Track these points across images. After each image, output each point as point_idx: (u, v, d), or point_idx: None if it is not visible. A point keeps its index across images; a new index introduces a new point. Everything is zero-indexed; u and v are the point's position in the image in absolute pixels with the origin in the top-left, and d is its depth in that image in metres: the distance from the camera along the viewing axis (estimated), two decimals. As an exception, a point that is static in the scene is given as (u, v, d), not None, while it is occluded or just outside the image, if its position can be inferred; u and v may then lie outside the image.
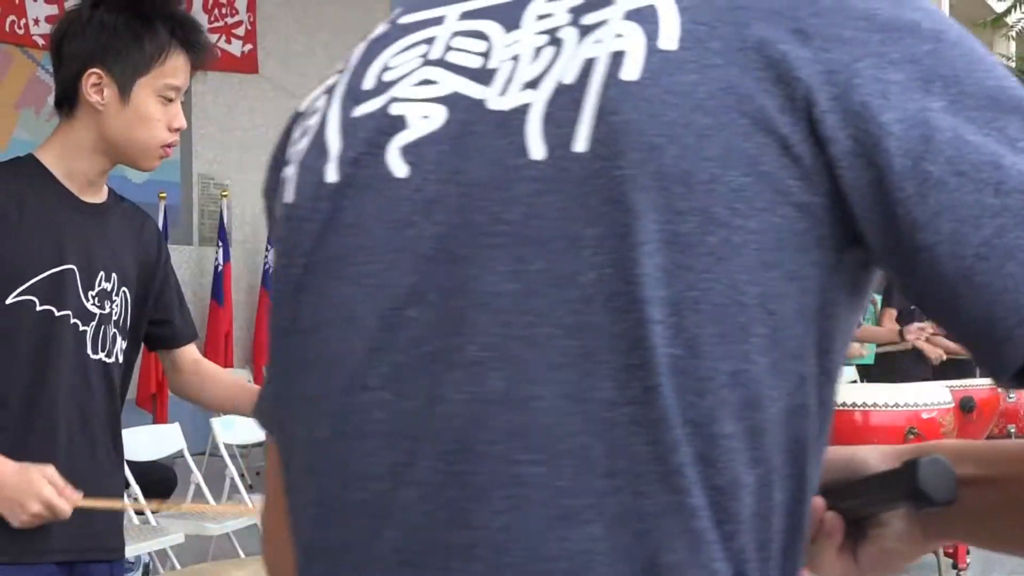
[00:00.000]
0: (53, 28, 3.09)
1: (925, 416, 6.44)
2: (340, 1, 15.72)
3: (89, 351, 3.06)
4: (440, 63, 1.25)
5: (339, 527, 1.20)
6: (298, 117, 1.54)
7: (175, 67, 3.04)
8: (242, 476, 8.92)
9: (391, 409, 1.15)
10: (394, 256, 1.18)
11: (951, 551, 8.15)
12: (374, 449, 1.16)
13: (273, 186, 1.45)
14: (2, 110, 11.64)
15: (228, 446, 8.53)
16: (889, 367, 10.19)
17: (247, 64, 14.39)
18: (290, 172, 1.37)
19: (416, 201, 1.18)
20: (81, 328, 3.03)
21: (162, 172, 12.95)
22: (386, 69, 1.36)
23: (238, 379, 3.48)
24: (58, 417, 2.99)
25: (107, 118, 3.01)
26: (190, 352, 3.46)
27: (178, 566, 7.06)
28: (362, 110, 1.32)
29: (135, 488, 6.91)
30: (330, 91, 1.45)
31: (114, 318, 3.13)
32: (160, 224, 12.43)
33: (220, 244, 13.60)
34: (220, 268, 13.55)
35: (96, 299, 3.07)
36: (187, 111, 11.04)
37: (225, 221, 13.72)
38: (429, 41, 1.30)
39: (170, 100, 3.06)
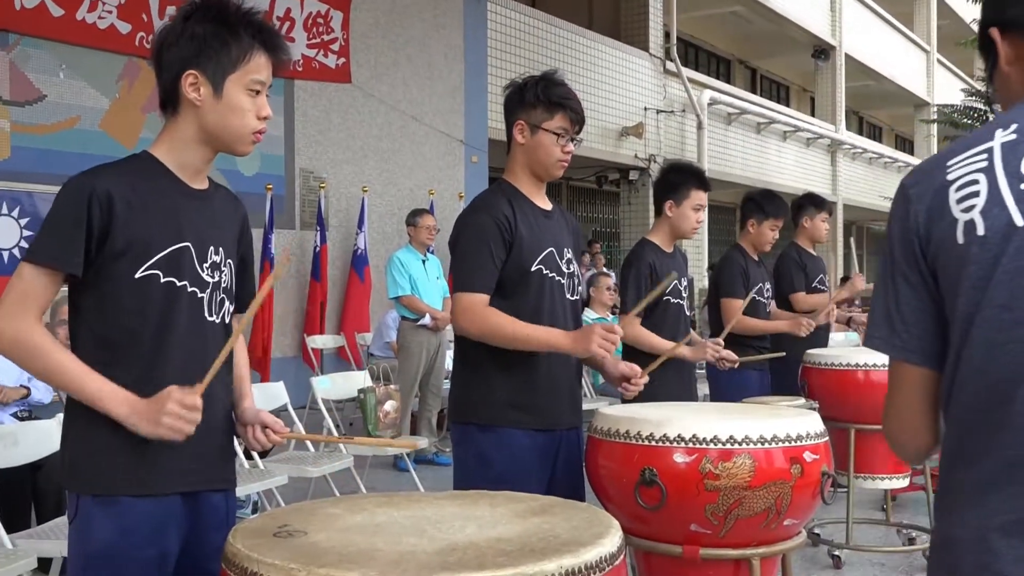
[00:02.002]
0: (153, 39, 3.14)
1: (919, 374, 6.48)
2: (421, 22, 15.76)
3: (206, 314, 3.10)
4: None
5: None
6: (928, 182, 2.01)
7: (258, 65, 3.08)
8: (337, 426, 8.93)
9: None
10: None
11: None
12: None
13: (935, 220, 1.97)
14: (132, 114, 11.75)
15: (325, 401, 8.55)
16: None
17: (341, 75, 14.44)
18: (969, 217, 1.90)
19: None
20: (199, 295, 3.07)
21: (269, 167, 13.08)
22: None
23: (241, 367, 3.46)
24: (179, 372, 3.02)
25: (205, 112, 3.06)
26: (236, 320, 3.47)
27: (282, 504, 7.10)
28: None
29: (245, 437, 6.95)
30: (984, 172, 1.91)
31: (223, 285, 3.16)
32: (267, 211, 12.58)
33: (318, 228, 13.72)
34: (318, 249, 13.67)
35: (209, 270, 3.11)
36: (290, 115, 11.18)
37: (322, 209, 13.84)
38: None
39: (257, 93, 3.10)
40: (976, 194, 1.91)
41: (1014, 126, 1.94)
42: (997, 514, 1.89)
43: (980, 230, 1.89)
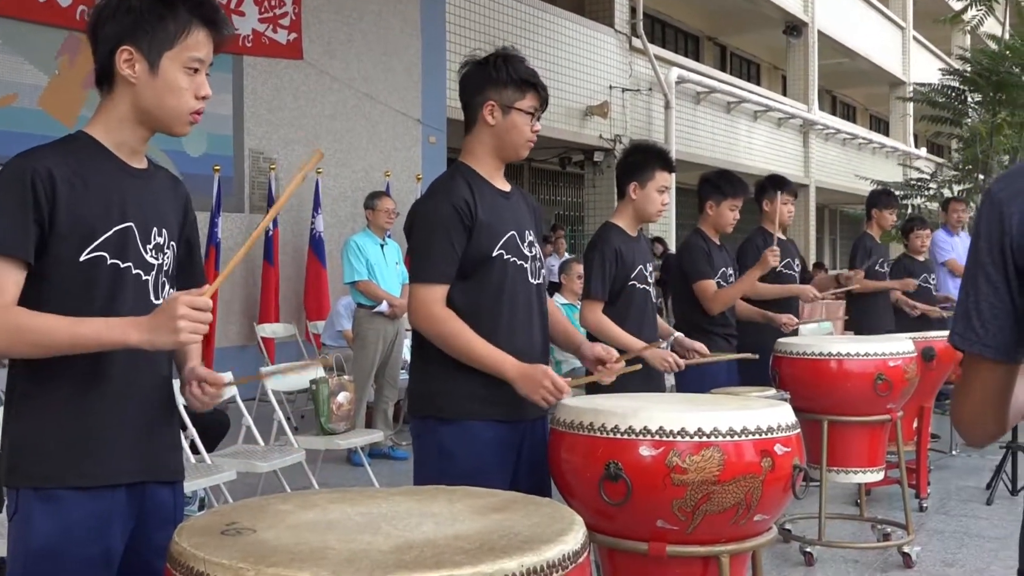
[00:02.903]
0: (89, 14, 3.13)
1: (891, 364, 6.56)
2: (377, -6, 15.72)
3: (152, 297, 3.10)
4: None
5: None
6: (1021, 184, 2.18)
7: (197, 41, 3.07)
8: (288, 419, 8.92)
9: None
10: None
11: (914, 483, 8.18)
12: None
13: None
14: (73, 92, 11.67)
15: (276, 393, 8.54)
16: (866, 320, 10.39)
17: (292, 51, 14.39)
18: None
19: None
20: (144, 277, 3.07)
21: (216, 147, 13.01)
22: None
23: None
24: (125, 361, 3.02)
25: (140, 90, 3.05)
26: None
27: (230, 500, 7.08)
28: None
29: (192, 431, 6.94)
30: None
31: (165, 268, 3.16)
32: (215, 194, 12.51)
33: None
34: (270, 233, 13.60)
35: (153, 251, 3.11)
36: (238, 93, 11.13)
37: (273, 191, 13.79)
38: None
39: (195, 71, 3.08)
40: None
41: None
42: None
43: None
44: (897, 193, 21.80)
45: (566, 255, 18.40)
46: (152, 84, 3.04)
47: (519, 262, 4.20)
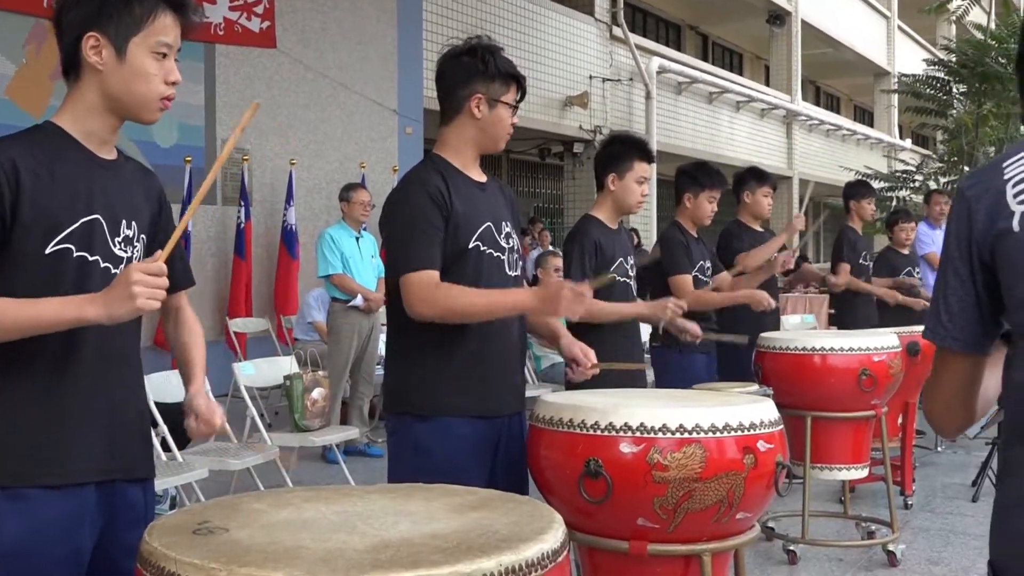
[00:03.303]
0: (54, 1, 3.11)
1: (876, 359, 6.58)
2: (352, -18, 15.68)
3: None
4: None
5: None
6: (987, 183, 2.32)
7: (164, 26, 3.06)
8: (261, 416, 8.91)
9: None
10: None
11: (899, 480, 8.20)
12: None
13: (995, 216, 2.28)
14: (40, 81, 11.61)
15: (248, 388, 8.52)
16: (850, 314, 10.41)
17: (265, 39, 14.35)
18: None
19: None
20: (112, 271, 3.04)
21: (187, 138, 12.96)
22: None
23: (194, 341, 3.47)
24: (93, 355, 3.01)
25: (107, 77, 3.04)
26: (177, 299, 3.46)
27: (202, 499, 7.07)
28: None
29: (163, 428, 6.92)
30: None
31: (136, 261, 3.14)
32: (186, 186, 12.46)
33: (242, 204, 13.63)
34: (242, 225, 13.56)
35: (122, 244, 3.10)
36: (210, 82, 11.08)
37: (246, 183, 13.74)
38: None
39: (164, 56, 3.07)
40: None
41: None
42: None
43: None
44: (883, 185, 21.96)
45: (550, 248, 18.39)
46: (120, 71, 3.03)
47: (496, 254, 4.20)
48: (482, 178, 4.30)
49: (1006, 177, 2.30)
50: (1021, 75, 2.49)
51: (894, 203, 20.92)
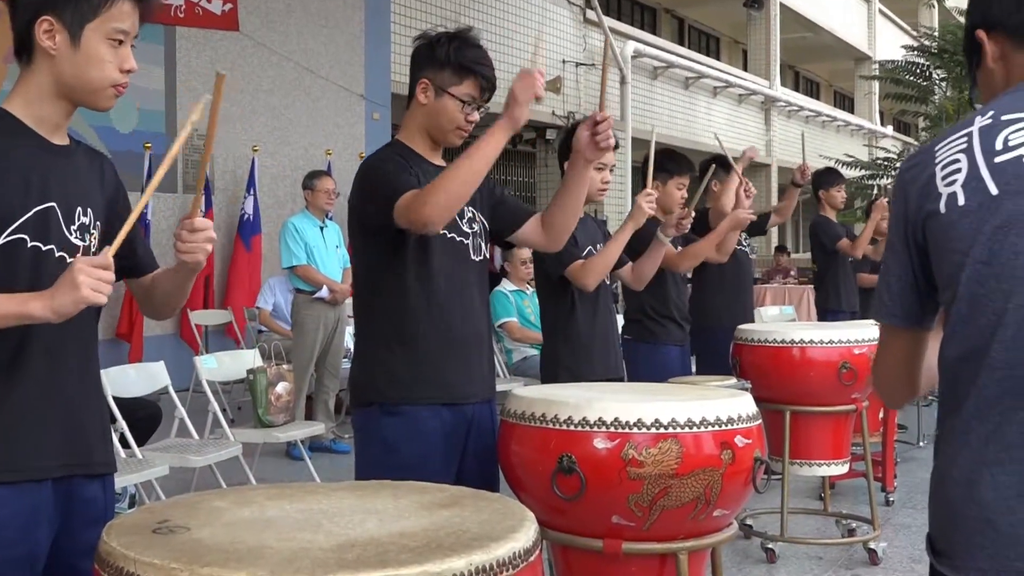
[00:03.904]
0: None
1: (856, 352, 6.58)
2: (317, -38, 15.64)
3: None
4: None
5: None
6: (921, 165, 2.49)
7: (121, 12, 3.04)
8: (224, 411, 8.89)
9: None
10: None
11: (880, 476, 8.23)
12: None
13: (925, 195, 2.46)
14: (-6, 64, 11.56)
15: (211, 383, 8.50)
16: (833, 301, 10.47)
17: (228, 22, 14.30)
18: (951, 190, 2.38)
19: None
20: (68, 260, 3.02)
21: (147, 123, 12.91)
22: (1008, 139, 2.36)
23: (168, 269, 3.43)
24: (47, 349, 2.99)
25: (60, 62, 3.02)
26: (147, 279, 3.44)
27: (163, 497, 7.06)
28: (1001, 159, 2.34)
29: (121, 423, 6.89)
30: (964, 152, 2.40)
31: (92, 251, 3.12)
32: (146, 173, 12.42)
33: (203, 192, 13.52)
34: (203, 215, 13.46)
35: (78, 232, 3.08)
36: (171, 66, 11.01)
37: (209, 170, 13.68)
38: None
39: (120, 43, 3.06)
40: (958, 171, 2.40)
41: (991, 112, 2.44)
42: (978, 450, 2.37)
43: (961, 200, 2.38)
44: (864, 173, 22.03)
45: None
46: (73, 57, 3.01)
47: (458, 238, 4.20)
48: (444, 164, 4.29)
49: (936, 160, 2.46)
50: (969, 56, 2.68)
51: (875, 191, 20.98)
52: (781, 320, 12.26)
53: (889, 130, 37.35)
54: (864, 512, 7.38)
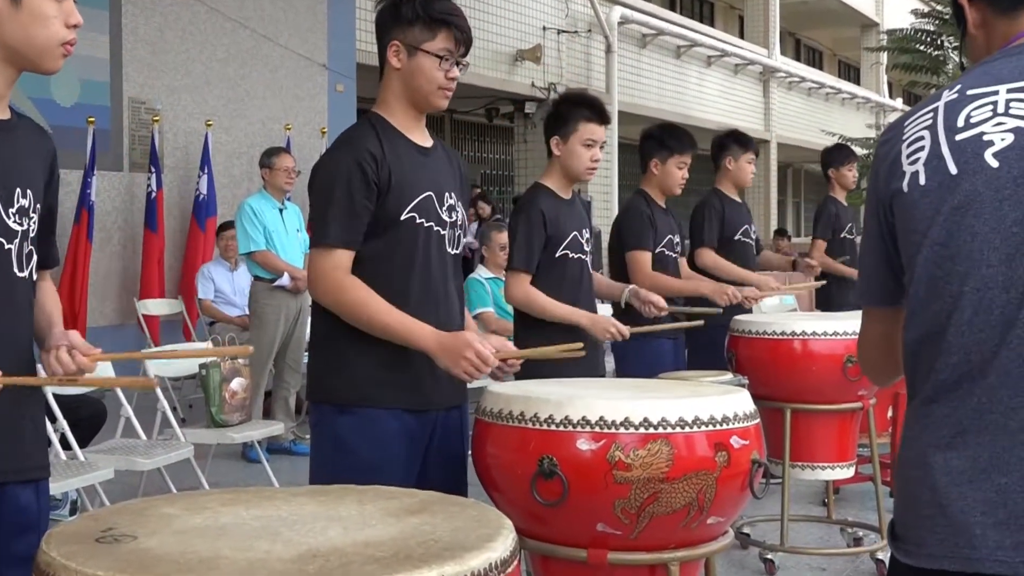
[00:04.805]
0: None
1: (862, 343, 6.54)
2: (275, -80, 15.59)
3: (15, 269, 3.05)
4: (1005, 113, 2.46)
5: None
6: (892, 141, 2.64)
7: None
8: (174, 409, 8.88)
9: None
10: (997, 205, 2.40)
11: (888, 480, 8.24)
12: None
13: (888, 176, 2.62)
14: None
15: (160, 378, 8.49)
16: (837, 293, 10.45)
17: (179, -15, 14.25)
18: (914, 169, 2.52)
19: (1006, 178, 2.40)
20: (7, 247, 3.01)
21: (91, 95, 12.85)
22: (969, 116, 2.49)
23: (50, 306, 3.42)
24: None
25: (3, 24, 3.02)
26: (42, 277, 3.41)
27: (107, 503, 7.04)
28: (962, 136, 2.47)
29: (62, 423, 6.88)
30: (929, 129, 2.53)
31: (31, 235, 3.11)
32: (88, 150, 12.35)
33: (152, 170, 13.50)
34: (153, 195, 13.46)
35: (16, 216, 3.06)
36: (116, 33, 10.97)
37: (156, 146, 13.65)
38: (994, 103, 2.48)
39: None
40: (921, 148, 2.55)
41: (958, 86, 2.58)
42: (932, 433, 2.51)
43: (922, 180, 2.52)
44: (871, 151, 22.03)
45: (497, 217, 18.38)
46: (16, 16, 3.00)
47: (436, 228, 4.18)
48: (427, 142, 4.27)
49: (904, 136, 2.61)
50: (958, 24, 2.80)
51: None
52: (781, 310, 12.24)
53: (899, 103, 37.42)
54: (871, 519, 7.40)
